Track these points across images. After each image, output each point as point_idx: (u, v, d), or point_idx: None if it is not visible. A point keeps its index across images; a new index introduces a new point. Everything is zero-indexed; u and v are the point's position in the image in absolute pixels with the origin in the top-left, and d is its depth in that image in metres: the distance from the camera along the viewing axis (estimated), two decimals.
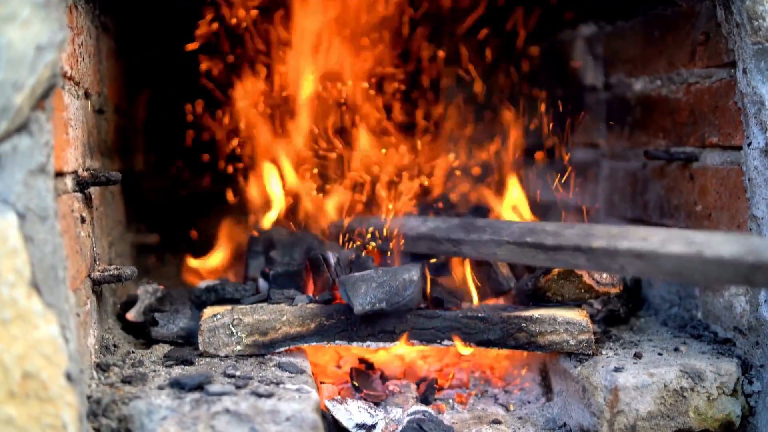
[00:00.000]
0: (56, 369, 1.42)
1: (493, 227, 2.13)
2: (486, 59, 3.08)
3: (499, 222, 2.19)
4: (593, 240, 1.81)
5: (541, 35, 3.28)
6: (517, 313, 2.11)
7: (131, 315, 2.22)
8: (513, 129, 2.75)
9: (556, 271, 2.17)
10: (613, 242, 1.75)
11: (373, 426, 2.00)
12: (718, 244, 1.53)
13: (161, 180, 3.30)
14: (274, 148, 2.74)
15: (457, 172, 2.88)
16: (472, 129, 3.07)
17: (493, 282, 2.31)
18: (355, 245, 2.46)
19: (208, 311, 2.09)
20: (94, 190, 2.06)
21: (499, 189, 2.63)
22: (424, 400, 2.17)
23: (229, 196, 2.92)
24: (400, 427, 1.95)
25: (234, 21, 2.77)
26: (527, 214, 2.51)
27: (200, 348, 2.04)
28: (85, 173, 1.93)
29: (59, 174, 1.63)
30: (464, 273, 2.31)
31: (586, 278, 2.16)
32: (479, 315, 2.11)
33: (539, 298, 2.22)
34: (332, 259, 2.28)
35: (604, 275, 2.18)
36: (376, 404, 2.12)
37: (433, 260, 2.33)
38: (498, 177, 2.73)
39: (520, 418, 2.15)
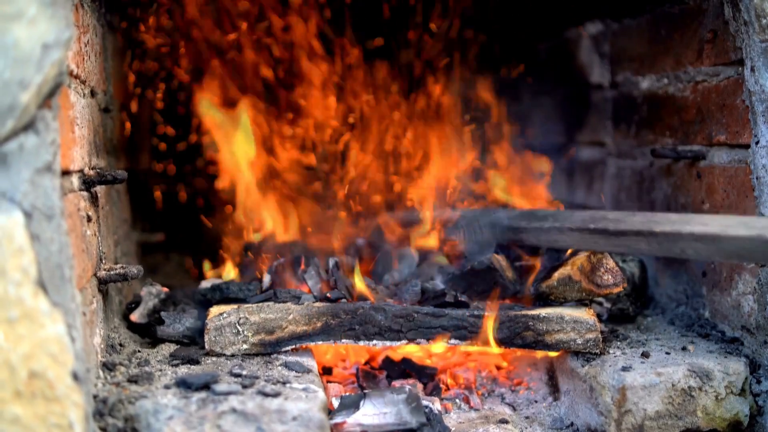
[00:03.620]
0: (62, 368, 1.41)
1: (556, 216, 2.21)
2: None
3: (560, 212, 2.29)
4: (655, 225, 1.85)
5: (548, 33, 3.28)
6: (525, 312, 2.10)
7: (135, 317, 2.22)
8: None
9: (555, 276, 2.18)
10: (676, 227, 1.80)
11: None
12: None
13: (167, 178, 3.30)
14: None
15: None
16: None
17: (499, 286, 2.29)
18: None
19: (214, 310, 2.09)
20: (100, 189, 2.06)
21: None
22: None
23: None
24: None
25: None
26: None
27: (206, 347, 2.03)
28: (92, 172, 1.93)
29: (65, 172, 1.63)
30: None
31: (585, 284, 2.15)
32: (486, 314, 2.09)
33: (543, 301, 2.21)
34: (330, 263, 2.30)
35: (605, 277, 2.17)
36: None
37: None
38: None
39: (527, 417, 2.14)
